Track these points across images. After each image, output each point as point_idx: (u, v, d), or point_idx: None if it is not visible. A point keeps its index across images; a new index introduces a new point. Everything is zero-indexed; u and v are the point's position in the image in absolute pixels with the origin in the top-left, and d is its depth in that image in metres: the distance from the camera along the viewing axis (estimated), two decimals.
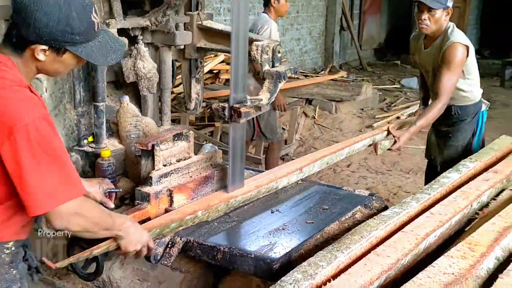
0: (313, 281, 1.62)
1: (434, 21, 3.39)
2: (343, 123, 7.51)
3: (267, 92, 2.43)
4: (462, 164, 2.92)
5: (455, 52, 3.36)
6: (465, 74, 3.51)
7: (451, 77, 3.40)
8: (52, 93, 2.53)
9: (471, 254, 1.86)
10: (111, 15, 2.39)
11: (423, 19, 3.39)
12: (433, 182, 2.67)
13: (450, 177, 2.70)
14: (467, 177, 2.74)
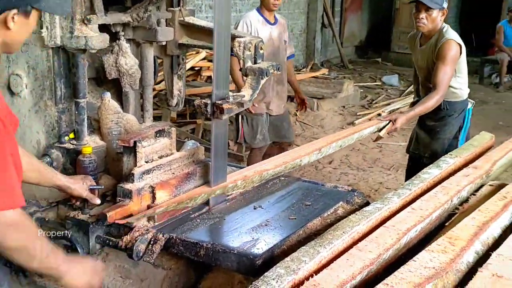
0: (296, 276, 1.63)
1: (431, 20, 3.68)
2: (325, 120, 7.55)
3: (250, 88, 2.43)
4: (442, 160, 2.95)
5: (450, 47, 3.65)
6: (456, 72, 3.78)
7: (446, 71, 3.66)
8: (33, 89, 2.51)
9: (452, 248, 1.88)
10: (92, 11, 2.37)
11: (420, 18, 3.68)
12: (414, 177, 2.70)
13: (430, 173, 2.73)
14: (447, 173, 2.77)
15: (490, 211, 2.22)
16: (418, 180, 2.62)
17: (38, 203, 2.42)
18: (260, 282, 1.57)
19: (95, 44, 2.34)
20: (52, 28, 2.34)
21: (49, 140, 2.53)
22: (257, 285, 1.55)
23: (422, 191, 2.53)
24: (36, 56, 2.45)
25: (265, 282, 1.57)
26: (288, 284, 1.59)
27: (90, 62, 2.75)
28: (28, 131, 2.56)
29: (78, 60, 2.41)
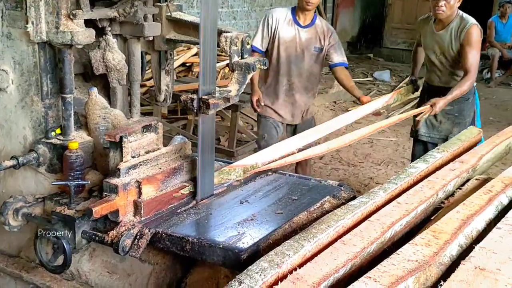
0: (280, 270, 1.64)
1: (449, 7, 4.02)
2: (316, 115, 7.52)
3: (236, 83, 2.44)
4: (429, 154, 2.96)
5: (476, 32, 4.04)
6: None
7: (475, 55, 4.04)
8: (19, 85, 2.50)
9: (435, 241, 1.90)
10: (78, 6, 2.36)
11: (440, 6, 4.00)
12: (400, 172, 2.71)
13: (417, 167, 2.73)
14: (434, 167, 2.78)
15: (475, 204, 2.24)
16: (404, 175, 2.63)
17: (24, 199, 2.42)
18: (244, 275, 1.58)
19: (80, 39, 2.33)
20: (38, 23, 2.34)
21: (36, 135, 2.53)
22: (241, 278, 1.55)
23: (409, 185, 2.54)
24: (22, 52, 2.45)
25: (248, 276, 1.57)
26: (272, 278, 1.60)
27: (78, 57, 2.75)
28: (15, 127, 2.56)
29: (64, 56, 2.41)
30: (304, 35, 4.35)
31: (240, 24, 10.08)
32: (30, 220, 2.38)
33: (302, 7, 4.29)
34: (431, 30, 4.20)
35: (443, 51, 4.18)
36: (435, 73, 4.30)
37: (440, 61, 4.24)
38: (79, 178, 2.37)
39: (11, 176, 2.62)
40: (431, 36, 4.22)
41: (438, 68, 4.26)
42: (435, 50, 4.21)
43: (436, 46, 4.20)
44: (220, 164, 2.84)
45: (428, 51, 4.29)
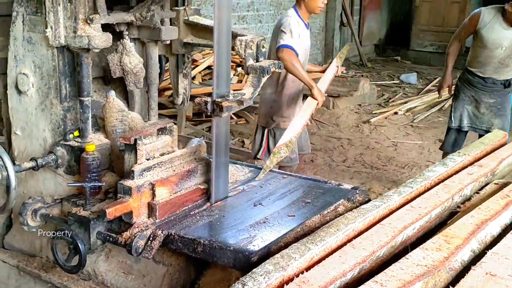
0: (285, 273, 1.64)
1: None
2: (340, 118, 7.53)
3: (251, 86, 2.45)
4: (450, 158, 2.92)
5: None
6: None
7: None
8: (39, 88, 2.56)
9: (446, 246, 1.88)
10: (95, 11, 2.41)
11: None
12: (417, 176, 2.68)
13: (435, 171, 2.70)
14: (454, 171, 2.74)
15: (491, 209, 2.21)
16: (421, 178, 2.60)
17: (43, 200, 2.47)
18: (248, 278, 1.58)
19: (97, 43, 2.37)
20: (57, 28, 2.39)
21: (55, 138, 2.58)
22: (244, 281, 1.56)
23: (425, 189, 2.51)
24: (42, 56, 2.50)
25: (252, 278, 1.58)
26: (276, 281, 1.60)
27: (98, 61, 2.80)
28: (35, 129, 2.61)
29: (82, 59, 2.45)
30: (308, 35, 4.39)
31: (266, 27, 10.09)
32: (48, 221, 2.43)
33: (313, 10, 4.25)
34: (500, 25, 4.39)
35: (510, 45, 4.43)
36: (490, 66, 4.56)
37: (505, 56, 4.47)
38: (96, 180, 2.40)
39: (32, 178, 2.68)
40: (499, 31, 4.41)
41: (498, 62, 4.51)
42: (502, 45, 4.43)
43: (505, 41, 4.41)
44: (237, 167, 2.86)
45: (491, 46, 4.47)
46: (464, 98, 4.76)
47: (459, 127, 4.79)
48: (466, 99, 4.76)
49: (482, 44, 4.52)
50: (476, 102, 4.73)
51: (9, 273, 2.69)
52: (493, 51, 4.50)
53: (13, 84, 2.61)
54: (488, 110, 4.69)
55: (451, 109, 4.90)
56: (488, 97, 4.68)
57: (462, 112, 4.77)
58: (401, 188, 2.47)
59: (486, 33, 4.47)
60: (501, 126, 4.51)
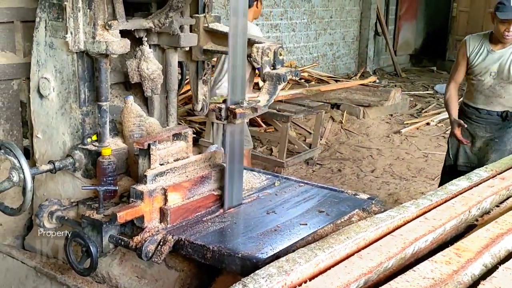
0: (287, 278, 1.61)
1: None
2: (370, 128, 7.45)
3: (267, 94, 2.45)
4: (475, 173, 2.83)
5: None
6: None
7: None
8: (59, 92, 2.60)
9: (457, 259, 1.82)
10: (114, 17, 2.44)
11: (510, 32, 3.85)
12: (439, 188, 2.62)
13: (458, 185, 2.62)
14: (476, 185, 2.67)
15: (508, 223, 2.14)
16: (443, 192, 2.54)
17: (59, 202, 2.51)
18: (249, 279, 1.57)
19: (115, 49, 2.40)
20: (76, 34, 2.43)
21: (73, 141, 2.62)
22: (245, 282, 1.55)
23: (444, 201, 2.46)
24: (62, 61, 2.55)
25: (254, 280, 1.56)
26: (278, 285, 1.58)
27: (119, 67, 2.84)
28: (55, 133, 2.66)
29: (100, 65, 2.49)
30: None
31: (299, 35, 10.10)
32: (63, 223, 2.47)
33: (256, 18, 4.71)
34: (487, 49, 4.02)
35: (500, 70, 3.99)
36: (481, 94, 4.10)
37: (494, 82, 4.03)
38: (111, 184, 2.43)
39: (52, 180, 2.73)
40: (487, 56, 4.02)
41: (488, 89, 4.06)
42: (491, 71, 4.00)
43: (493, 66, 4.00)
44: (254, 174, 2.86)
45: (479, 73, 4.05)
46: (461, 133, 4.17)
47: (455, 165, 4.24)
48: (463, 135, 4.17)
49: (471, 72, 4.10)
50: (471, 138, 4.19)
51: (27, 274, 2.73)
52: (482, 79, 4.06)
53: (36, 88, 2.67)
54: (484, 145, 4.15)
55: (448, 146, 4.38)
56: (483, 131, 4.15)
57: (458, 149, 4.24)
58: (420, 200, 2.42)
59: (473, 60, 4.06)
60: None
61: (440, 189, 2.60)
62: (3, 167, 2.80)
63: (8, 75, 2.81)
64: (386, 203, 4.93)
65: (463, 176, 2.78)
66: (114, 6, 2.44)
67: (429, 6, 13.29)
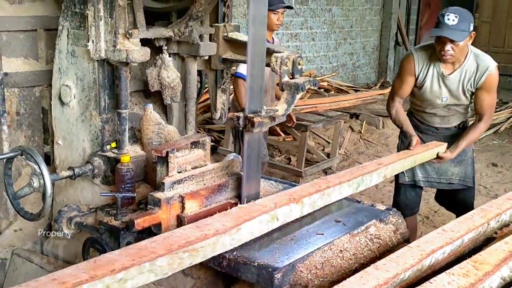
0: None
1: (459, 50, 3.26)
2: (390, 138, 7.39)
3: (285, 103, 2.45)
4: None
5: (496, 76, 3.41)
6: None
7: (494, 97, 3.49)
8: (80, 99, 2.64)
9: (474, 272, 1.81)
10: (135, 25, 2.47)
11: (446, 50, 3.24)
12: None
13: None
14: None
15: None
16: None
17: (78, 208, 2.54)
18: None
19: (135, 57, 2.43)
20: (98, 42, 2.46)
21: (93, 148, 2.65)
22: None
23: None
24: (84, 68, 2.58)
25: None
26: None
27: (139, 75, 2.87)
28: (76, 139, 2.69)
29: (120, 73, 2.52)
30: None
31: (319, 45, 10.10)
32: (81, 229, 2.49)
33: (270, 28, 4.24)
34: (438, 73, 3.43)
35: (453, 95, 3.47)
36: (435, 115, 3.62)
37: (446, 107, 3.54)
38: (129, 191, 2.45)
39: (71, 186, 2.76)
40: (437, 80, 3.44)
41: (441, 110, 3.57)
42: (442, 95, 3.48)
43: (444, 90, 3.46)
44: (271, 183, 2.86)
45: (428, 96, 3.51)
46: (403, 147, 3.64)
47: (413, 181, 3.73)
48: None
49: (421, 94, 3.55)
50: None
51: None
52: (433, 103, 3.53)
53: (57, 95, 2.71)
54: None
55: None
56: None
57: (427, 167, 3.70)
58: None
59: (422, 82, 3.46)
60: (463, 175, 3.66)
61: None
62: (24, 172, 2.85)
63: (30, 82, 2.85)
64: None
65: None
66: (135, 15, 2.47)
67: None
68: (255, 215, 2.14)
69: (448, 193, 3.79)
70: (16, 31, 2.79)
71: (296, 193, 2.40)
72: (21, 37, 2.82)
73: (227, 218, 2.10)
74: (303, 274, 2.05)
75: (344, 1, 10.34)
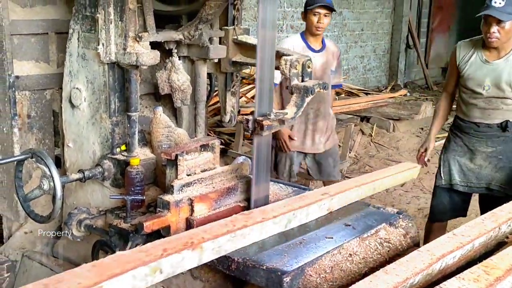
0: None
1: (505, 33, 3.36)
2: (400, 142, 7.37)
3: (294, 106, 2.45)
4: None
5: None
6: None
7: None
8: (90, 102, 2.65)
9: (485, 277, 1.80)
10: (144, 29, 2.48)
11: (492, 32, 3.35)
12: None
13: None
14: None
15: None
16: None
17: (88, 211, 2.55)
18: None
19: (145, 60, 2.44)
20: (108, 45, 2.47)
21: (103, 151, 2.66)
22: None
23: None
24: (94, 71, 2.59)
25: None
26: None
27: (150, 78, 2.88)
28: (86, 142, 2.70)
29: (131, 76, 2.53)
30: (319, 59, 4.11)
31: None
32: (91, 232, 2.50)
33: (312, 33, 4.10)
34: (480, 59, 3.51)
35: (496, 85, 3.48)
36: (476, 107, 3.58)
37: (487, 98, 3.53)
38: (139, 194, 2.46)
39: (81, 189, 2.77)
40: (480, 66, 3.51)
41: (483, 101, 3.54)
42: (484, 83, 3.49)
43: (487, 79, 3.48)
44: (280, 187, 2.85)
45: (471, 85, 3.55)
46: (455, 148, 3.71)
47: (449, 185, 3.73)
48: (458, 149, 3.70)
49: (462, 83, 3.60)
50: (470, 153, 3.66)
51: None
52: (475, 91, 3.53)
53: (67, 98, 2.72)
54: (486, 162, 3.62)
55: (439, 163, 3.83)
56: (484, 145, 3.61)
57: (452, 166, 3.72)
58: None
59: (463, 70, 3.55)
60: (504, 182, 3.57)
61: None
62: (34, 175, 2.87)
63: (41, 85, 2.87)
64: (416, 218, 4.87)
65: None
66: (145, 18, 2.48)
67: (462, 18, 13.13)
68: (128, 267, 1.66)
69: (489, 199, 3.65)
70: (28, 35, 2.81)
71: (198, 234, 1.97)
72: (32, 40, 2.84)
73: (89, 273, 1.61)
74: (312, 278, 2.04)
75: (355, 4, 10.33)
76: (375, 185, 2.74)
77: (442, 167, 3.78)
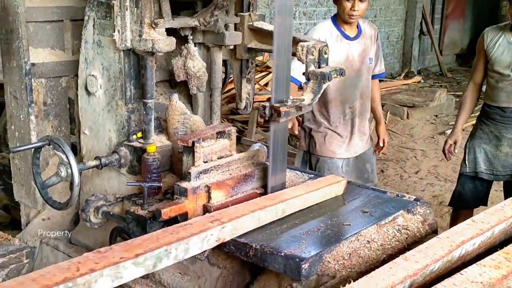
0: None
1: None
2: (414, 129, 7.34)
3: (311, 92, 2.43)
4: None
5: None
6: None
7: None
8: (106, 89, 2.65)
9: (507, 264, 1.78)
10: (160, 15, 2.47)
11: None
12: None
13: None
14: None
15: None
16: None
17: (105, 197, 2.55)
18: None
19: (161, 47, 2.43)
20: (123, 32, 2.46)
21: (119, 138, 2.66)
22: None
23: None
24: (110, 58, 2.59)
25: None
26: None
27: (165, 65, 2.88)
28: (102, 129, 2.71)
29: (146, 62, 2.52)
30: (356, 48, 3.68)
31: None
32: (109, 218, 2.51)
33: (345, 20, 3.60)
34: (508, 41, 3.57)
35: None
36: (503, 90, 3.60)
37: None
38: (156, 181, 2.46)
39: (98, 176, 2.78)
40: (507, 48, 3.55)
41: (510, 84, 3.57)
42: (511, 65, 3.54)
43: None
44: (296, 173, 2.84)
45: (499, 67, 3.57)
46: (482, 135, 3.73)
47: (474, 172, 3.76)
48: (484, 137, 3.72)
49: (490, 66, 3.62)
50: (496, 140, 3.67)
51: None
52: (502, 73, 3.56)
53: (83, 85, 2.72)
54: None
55: (465, 150, 3.85)
56: (510, 132, 3.64)
57: (477, 153, 3.74)
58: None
59: (491, 52, 3.59)
60: None
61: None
62: (51, 162, 2.88)
63: (57, 72, 2.87)
64: (431, 205, 4.85)
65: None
66: (160, 5, 2.47)
67: (477, 4, 13.01)
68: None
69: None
70: (43, 22, 2.81)
71: None
72: (47, 27, 2.83)
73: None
74: (331, 265, 2.03)
75: None
76: (284, 206, 2.28)
77: (468, 155, 3.79)
